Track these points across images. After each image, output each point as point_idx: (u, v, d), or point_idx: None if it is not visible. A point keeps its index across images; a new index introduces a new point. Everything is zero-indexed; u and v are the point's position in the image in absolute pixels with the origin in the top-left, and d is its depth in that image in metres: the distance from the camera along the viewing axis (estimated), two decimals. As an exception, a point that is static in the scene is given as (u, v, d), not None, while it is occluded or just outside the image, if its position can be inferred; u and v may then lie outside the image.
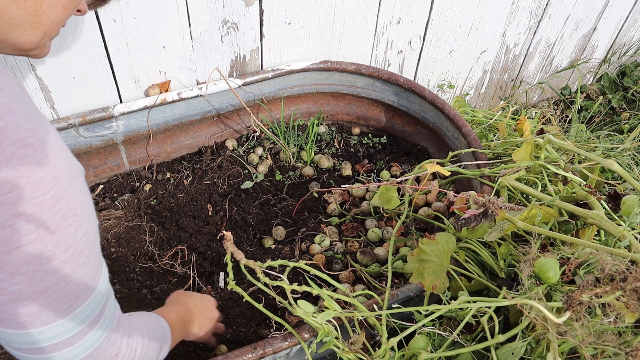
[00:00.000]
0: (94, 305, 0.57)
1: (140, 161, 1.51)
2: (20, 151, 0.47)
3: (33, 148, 0.48)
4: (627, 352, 0.77)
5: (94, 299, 0.57)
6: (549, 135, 1.19)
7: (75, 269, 0.53)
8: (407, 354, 0.93)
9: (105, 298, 0.60)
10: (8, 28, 0.60)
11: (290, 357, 1.01)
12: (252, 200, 1.46)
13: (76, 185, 0.53)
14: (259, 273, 0.96)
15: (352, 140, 1.68)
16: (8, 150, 0.47)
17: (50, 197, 0.50)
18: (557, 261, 0.88)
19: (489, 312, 0.90)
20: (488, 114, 1.71)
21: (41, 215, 0.49)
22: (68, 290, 0.53)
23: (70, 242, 0.52)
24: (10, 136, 0.47)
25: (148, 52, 1.34)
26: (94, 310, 0.57)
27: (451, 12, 1.71)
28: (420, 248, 1.00)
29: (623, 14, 2.19)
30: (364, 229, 1.40)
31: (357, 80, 1.61)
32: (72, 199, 0.52)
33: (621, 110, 2.27)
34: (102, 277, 0.59)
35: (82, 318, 0.56)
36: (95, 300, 0.57)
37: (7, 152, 0.47)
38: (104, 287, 0.59)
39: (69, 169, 0.53)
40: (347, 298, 0.96)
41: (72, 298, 0.54)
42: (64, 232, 0.51)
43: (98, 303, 0.58)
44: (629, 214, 1.02)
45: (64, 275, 0.52)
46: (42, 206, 0.49)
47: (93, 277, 0.57)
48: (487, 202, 0.96)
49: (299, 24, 1.50)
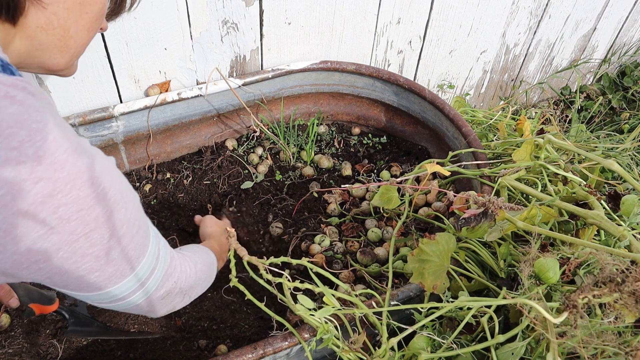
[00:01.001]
0: (150, 260, 0.69)
1: (140, 161, 1.51)
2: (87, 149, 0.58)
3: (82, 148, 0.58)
4: (626, 352, 0.77)
5: (149, 255, 0.69)
6: (549, 135, 1.19)
7: (131, 238, 0.64)
8: (407, 354, 0.93)
9: (157, 248, 0.71)
10: (38, 52, 0.65)
11: (290, 357, 1.01)
12: (252, 200, 1.46)
13: (114, 173, 0.62)
14: (262, 270, 0.96)
15: (352, 140, 1.68)
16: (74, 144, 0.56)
17: (104, 188, 0.58)
18: (557, 261, 0.88)
19: (489, 312, 0.90)
20: (488, 114, 1.71)
21: (98, 203, 0.58)
22: (128, 256, 0.64)
23: (124, 220, 0.62)
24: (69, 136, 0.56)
25: (148, 52, 1.34)
26: (151, 263, 0.70)
27: (451, 12, 1.71)
28: (421, 248, 1.00)
29: (623, 14, 2.19)
30: (364, 229, 1.40)
31: (357, 80, 1.61)
32: (117, 186, 0.61)
33: (621, 110, 2.27)
34: (150, 236, 0.70)
35: (144, 271, 0.69)
36: (150, 256, 0.69)
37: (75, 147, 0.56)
38: (154, 245, 0.71)
39: (108, 160, 0.62)
40: (347, 296, 0.96)
41: (133, 259, 0.66)
42: (117, 214, 0.61)
43: (152, 257, 0.70)
44: (629, 214, 1.02)
45: (123, 246, 0.63)
46: (99, 195, 0.58)
47: (144, 240, 0.68)
48: (487, 202, 0.96)
49: (299, 24, 1.50)
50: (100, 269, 0.62)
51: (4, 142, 0.49)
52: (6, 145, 0.49)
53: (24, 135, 0.51)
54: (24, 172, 0.50)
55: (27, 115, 0.51)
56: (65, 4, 0.63)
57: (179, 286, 0.78)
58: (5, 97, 0.50)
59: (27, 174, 0.51)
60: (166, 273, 0.74)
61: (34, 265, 0.56)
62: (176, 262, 0.78)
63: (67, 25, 0.64)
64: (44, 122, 0.52)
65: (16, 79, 0.53)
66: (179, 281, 0.78)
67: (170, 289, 0.76)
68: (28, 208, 0.52)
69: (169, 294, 0.76)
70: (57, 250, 0.56)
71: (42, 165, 0.52)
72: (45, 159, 0.52)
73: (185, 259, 0.82)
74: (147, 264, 0.69)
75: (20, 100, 0.51)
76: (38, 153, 0.51)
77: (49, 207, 0.53)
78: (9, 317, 1.16)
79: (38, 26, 0.62)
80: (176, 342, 1.16)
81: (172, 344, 1.16)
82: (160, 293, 0.74)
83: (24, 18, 0.60)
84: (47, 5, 0.61)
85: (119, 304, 0.70)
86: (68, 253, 0.57)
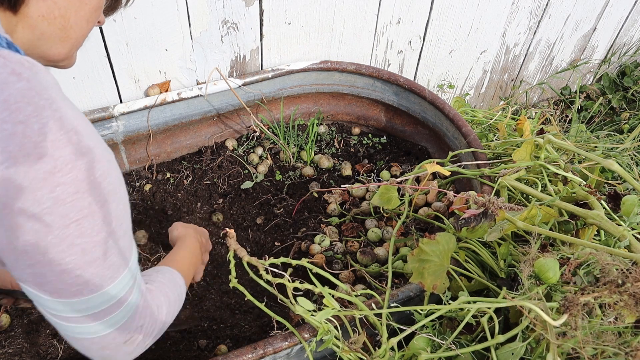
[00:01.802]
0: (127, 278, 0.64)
1: (140, 161, 1.51)
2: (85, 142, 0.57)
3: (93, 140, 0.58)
4: (626, 352, 0.77)
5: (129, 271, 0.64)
6: (549, 135, 1.19)
7: (122, 234, 0.61)
8: (407, 354, 0.93)
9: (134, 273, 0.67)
10: (39, 42, 0.65)
11: (290, 357, 1.01)
12: (252, 200, 1.46)
13: (112, 165, 0.61)
14: (261, 270, 0.96)
15: (352, 140, 1.68)
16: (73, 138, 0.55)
17: (99, 176, 0.57)
18: (557, 261, 0.88)
19: (489, 312, 0.90)
20: (488, 114, 1.71)
21: (94, 189, 0.56)
22: (120, 252, 0.61)
23: (115, 214, 0.60)
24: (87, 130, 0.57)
25: (148, 52, 1.34)
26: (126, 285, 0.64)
27: (451, 12, 1.71)
28: (421, 248, 1.00)
29: (623, 14, 2.19)
30: (364, 229, 1.40)
31: (357, 80, 1.61)
32: (113, 178, 0.60)
33: (621, 110, 2.27)
34: (133, 253, 0.66)
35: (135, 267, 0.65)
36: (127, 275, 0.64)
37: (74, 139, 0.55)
38: (134, 264, 0.66)
39: (109, 152, 0.61)
40: (348, 297, 0.96)
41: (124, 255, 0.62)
42: (110, 206, 0.59)
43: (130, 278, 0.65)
44: (629, 214, 1.02)
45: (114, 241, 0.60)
46: (95, 182, 0.56)
47: (130, 242, 0.64)
48: (487, 202, 0.96)
49: (299, 24, 1.50)
50: (82, 268, 0.58)
51: (11, 115, 0.50)
52: (13, 119, 0.50)
53: (31, 110, 0.51)
54: (28, 147, 0.51)
55: (34, 92, 0.52)
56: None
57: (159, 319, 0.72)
58: (12, 74, 0.51)
59: (31, 148, 0.51)
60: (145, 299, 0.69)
61: (19, 247, 0.54)
62: (153, 295, 0.73)
63: (67, 15, 0.65)
64: (50, 100, 0.53)
65: (23, 57, 0.54)
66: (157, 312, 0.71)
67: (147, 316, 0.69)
68: (29, 184, 0.51)
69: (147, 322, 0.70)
70: (47, 233, 0.54)
71: (46, 141, 0.52)
72: (49, 136, 0.52)
73: (159, 290, 0.76)
74: (128, 278, 0.64)
75: (28, 77, 0.52)
76: (43, 129, 0.52)
77: (48, 184, 0.53)
78: (9, 317, 1.16)
79: (39, 15, 0.63)
80: (176, 342, 1.16)
81: (172, 343, 1.16)
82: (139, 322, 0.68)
83: (25, 7, 0.61)
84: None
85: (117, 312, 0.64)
86: (57, 239, 0.55)
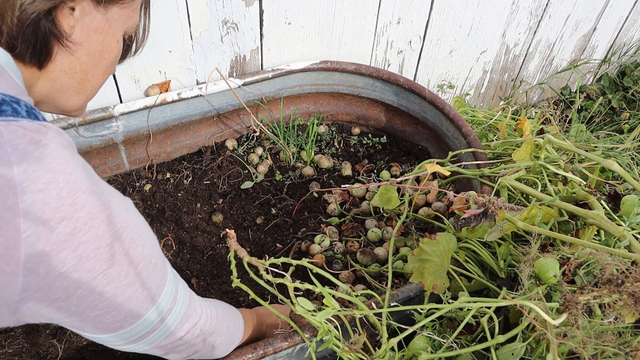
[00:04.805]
0: (167, 298, 0.71)
1: (140, 161, 1.51)
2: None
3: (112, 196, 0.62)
4: (626, 352, 0.77)
5: (166, 293, 0.70)
6: (549, 135, 1.19)
7: (148, 275, 0.66)
8: (407, 354, 0.93)
9: (174, 289, 0.73)
10: (57, 94, 0.69)
11: (291, 357, 1.01)
12: (252, 200, 1.46)
13: (131, 212, 0.65)
14: (262, 270, 0.96)
15: (352, 140, 1.68)
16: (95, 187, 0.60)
17: (119, 228, 0.61)
18: (557, 261, 0.88)
19: (489, 312, 0.90)
20: (488, 114, 1.71)
21: (115, 241, 0.60)
22: (146, 292, 0.66)
23: (140, 258, 0.64)
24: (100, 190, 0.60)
25: (148, 52, 1.34)
26: (168, 302, 0.71)
27: (451, 12, 1.71)
28: (421, 248, 1.00)
29: (623, 14, 2.19)
30: (364, 229, 1.40)
31: (357, 80, 1.61)
32: (133, 225, 0.64)
33: (621, 110, 2.27)
34: (168, 275, 0.72)
35: (164, 304, 0.70)
36: (167, 295, 0.71)
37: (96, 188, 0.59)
38: (172, 284, 0.72)
39: (125, 201, 0.66)
40: (348, 297, 0.96)
41: (152, 294, 0.68)
42: (134, 252, 0.63)
43: (170, 297, 0.72)
44: (629, 214, 1.02)
45: (141, 283, 0.65)
46: (115, 234, 0.60)
47: (161, 280, 0.70)
48: (487, 202, 0.96)
49: (299, 24, 1.50)
50: (118, 308, 0.63)
51: (31, 185, 0.53)
52: (33, 189, 0.53)
53: (49, 177, 0.54)
54: (48, 213, 0.53)
55: (51, 159, 0.55)
56: (88, 50, 0.67)
57: (200, 327, 0.79)
58: (30, 143, 0.54)
59: (52, 214, 0.54)
60: (185, 314, 0.76)
61: (53, 304, 0.58)
62: (196, 304, 0.79)
63: (87, 70, 0.69)
64: (65, 164, 0.56)
65: (40, 124, 0.56)
66: (200, 322, 0.79)
67: (190, 329, 0.77)
68: (51, 247, 0.54)
69: (189, 333, 0.77)
70: (77, 288, 0.58)
71: (64, 205, 0.55)
72: (67, 200, 0.55)
73: (206, 302, 0.84)
74: (165, 301, 0.70)
75: (45, 144, 0.55)
76: (61, 194, 0.55)
77: (70, 245, 0.56)
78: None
79: (62, 70, 0.66)
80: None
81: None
82: (181, 334, 0.75)
83: (51, 63, 0.64)
84: (74, 51, 0.65)
85: (140, 344, 0.71)
86: (87, 291, 0.59)
